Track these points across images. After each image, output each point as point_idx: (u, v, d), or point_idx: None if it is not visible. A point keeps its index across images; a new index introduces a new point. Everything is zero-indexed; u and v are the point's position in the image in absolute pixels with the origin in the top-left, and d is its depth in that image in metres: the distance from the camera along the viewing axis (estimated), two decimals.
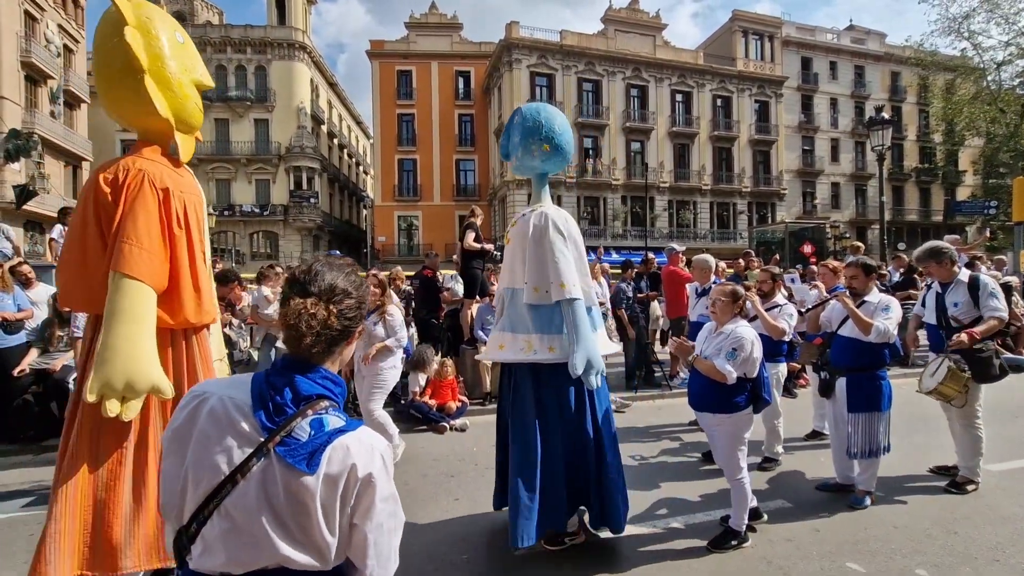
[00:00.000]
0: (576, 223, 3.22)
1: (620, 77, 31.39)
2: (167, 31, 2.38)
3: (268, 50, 32.32)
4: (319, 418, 1.07)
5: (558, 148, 3.12)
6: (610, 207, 31.22)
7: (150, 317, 2.18)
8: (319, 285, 1.11)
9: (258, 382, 1.10)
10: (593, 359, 2.79)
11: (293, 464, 1.01)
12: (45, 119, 23.71)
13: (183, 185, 2.45)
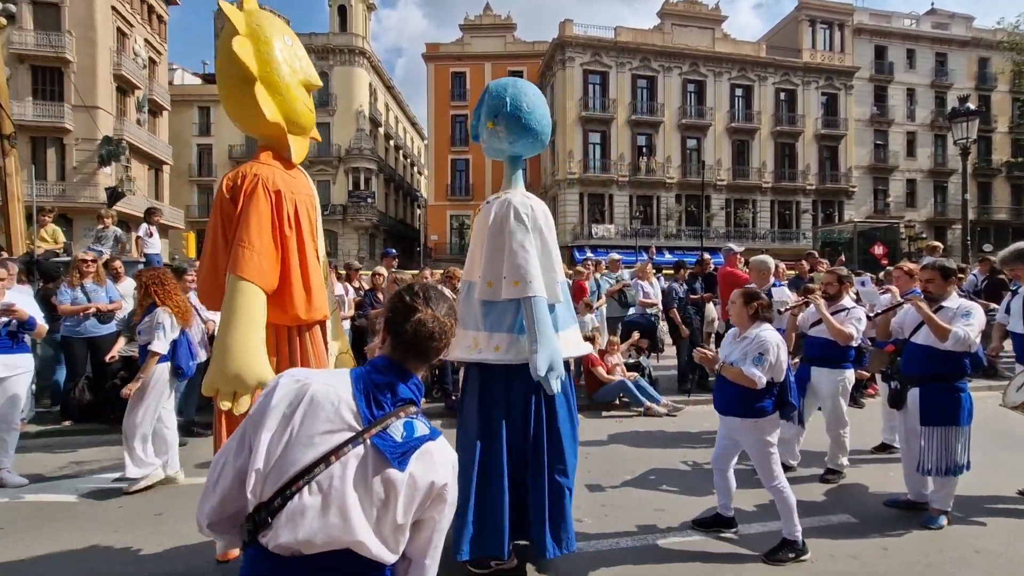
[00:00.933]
0: (547, 212, 2.90)
1: (676, 72, 30.58)
2: (277, 35, 2.45)
3: (330, 56, 33.68)
4: (410, 422, 1.18)
5: (526, 128, 2.78)
6: (664, 206, 30.51)
7: (260, 317, 2.28)
8: (443, 305, 1.28)
9: (361, 377, 1.20)
10: (555, 361, 2.53)
11: (389, 459, 1.11)
12: (132, 126, 25.76)
13: (295, 186, 2.54)
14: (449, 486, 1.19)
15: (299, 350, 2.55)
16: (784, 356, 3.04)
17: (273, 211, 2.38)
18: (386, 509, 1.11)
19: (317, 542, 1.07)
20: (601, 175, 29.74)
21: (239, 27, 2.36)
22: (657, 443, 5.19)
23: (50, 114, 23.13)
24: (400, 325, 1.24)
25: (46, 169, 23.12)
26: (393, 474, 1.11)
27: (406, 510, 1.13)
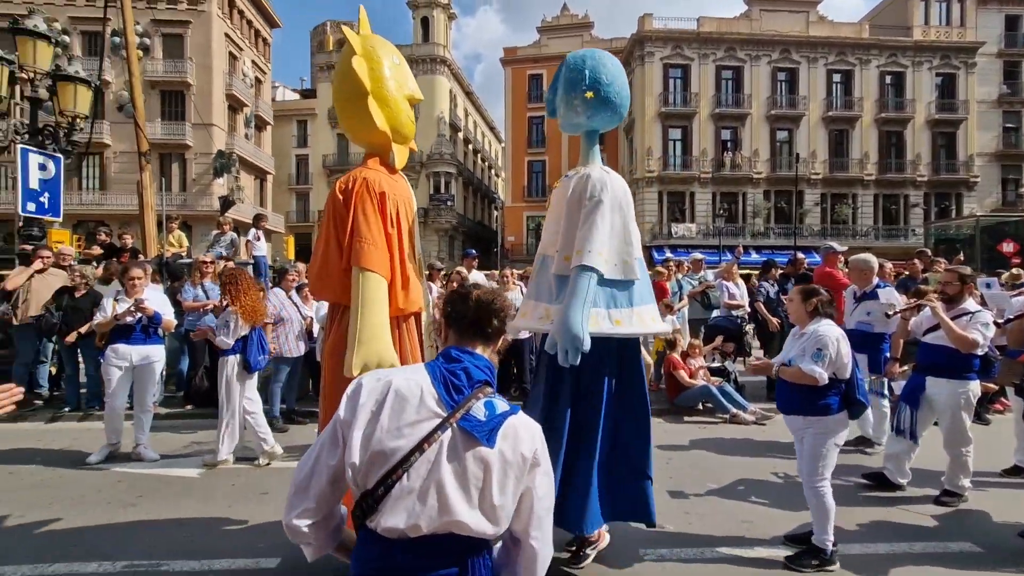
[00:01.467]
0: (626, 188, 2.84)
1: (765, 61, 28.81)
2: (387, 56, 2.73)
3: (413, 66, 34.79)
4: (490, 401, 1.25)
5: (606, 100, 2.75)
6: (750, 203, 28.84)
7: (386, 303, 2.54)
8: (495, 296, 1.43)
9: (437, 367, 1.29)
10: (574, 332, 2.44)
11: (477, 437, 1.18)
12: (241, 140, 28.41)
13: (397, 190, 2.77)
14: (539, 453, 1.25)
15: (398, 340, 2.71)
16: (846, 350, 2.87)
17: (378, 211, 2.59)
18: (482, 486, 1.17)
19: (422, 525, 1.15)
20: (682, 172, 28.67)
21: (357, 48, 2.64)
22: (744, 452, 4.94)
23: (174, 132, 26.07)
24: (459, 310, 1.37)
25: (171, 181, 26.07)
26: (484, 451, 1.18)
27: (501, 485, 1.19)
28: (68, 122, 7.55)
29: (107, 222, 22.31)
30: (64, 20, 20.69)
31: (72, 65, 7.56)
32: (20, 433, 5.38)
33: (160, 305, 4.76)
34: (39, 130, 7.35)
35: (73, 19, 24.08)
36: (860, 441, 5.01)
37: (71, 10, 24.79)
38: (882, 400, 4.77)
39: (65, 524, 3.44)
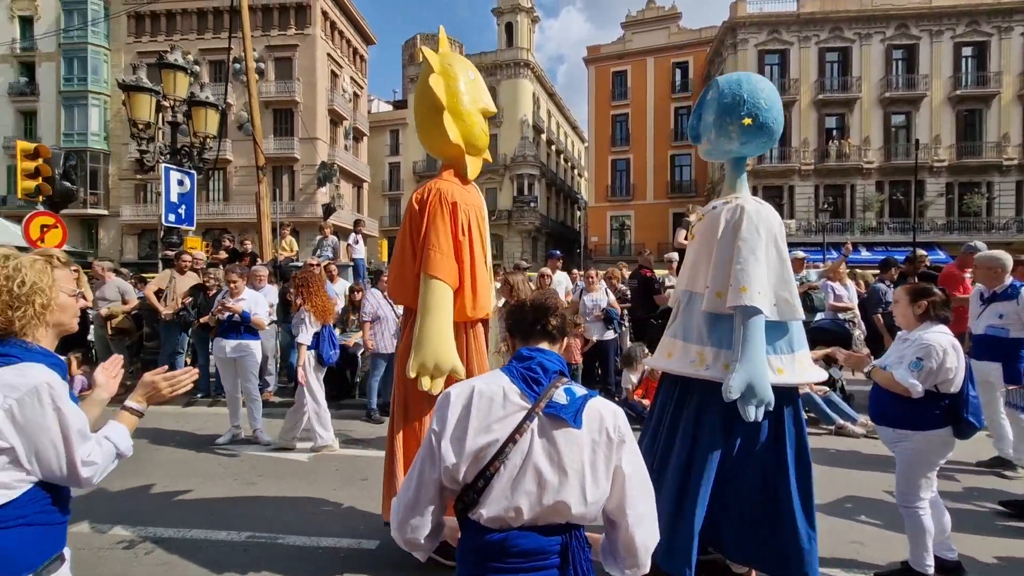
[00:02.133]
0: (780, 220, 2.65)
1: (878, 39, 26.12)
2: (463, 72, 2.88)
3: (498, 71, 35.88)
4: (569, 387, 1.33)
5: (763, 127, 2.58)
6: (860, 195, 26.27)
7: (450, 309, 2.67)
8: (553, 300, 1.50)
9: (512, 367, 1.37)
10: (757, 385, 2.25)
11: (565, 418, 1.25)
12: (341, 151, 30.60)
13: (469, 199, 2.89)
14: (623, 431, 1.31)
15: (464, 344, 2.85)
16: (955, 363, 2.53)
17: (450, 220, 2.74)
18: (576, 467, 1.24)
19: (524, 511, 1.22)
20: (779, 165, 26.75)
21: (434, 67, 2.81)
22: (852, 466, 4.56)
23: (284, 147, 28.63)
24: (518, 318, 1.47)
25: (282, 191, 28.64)
26: (573, 432, 1.25)
27: (593, 465, 1.25)
28: (200, 142, 8.58)
29: (229, 229, 24.99)
30: (195, 52, 23.46)
31: (204, 92, 8.59)
32: (161, 415, 6.19)
33: (253, 304, 5.24)
34: (177, 150, 8.43)
35: (202, 50, 27.23)
36: (997, 462, 4.43)
37: (201, 42, 28.07)
38: (1023, 416, 4.18)
39: (198, 495, 3.94)
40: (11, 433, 1.27)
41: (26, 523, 1.31)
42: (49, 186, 7.74)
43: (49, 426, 1.30)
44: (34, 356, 1.36)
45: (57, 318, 1.47)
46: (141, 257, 27.04)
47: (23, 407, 1.28)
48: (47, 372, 1.34)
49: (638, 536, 1.28)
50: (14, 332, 1.36)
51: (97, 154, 28.80)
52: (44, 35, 28.92)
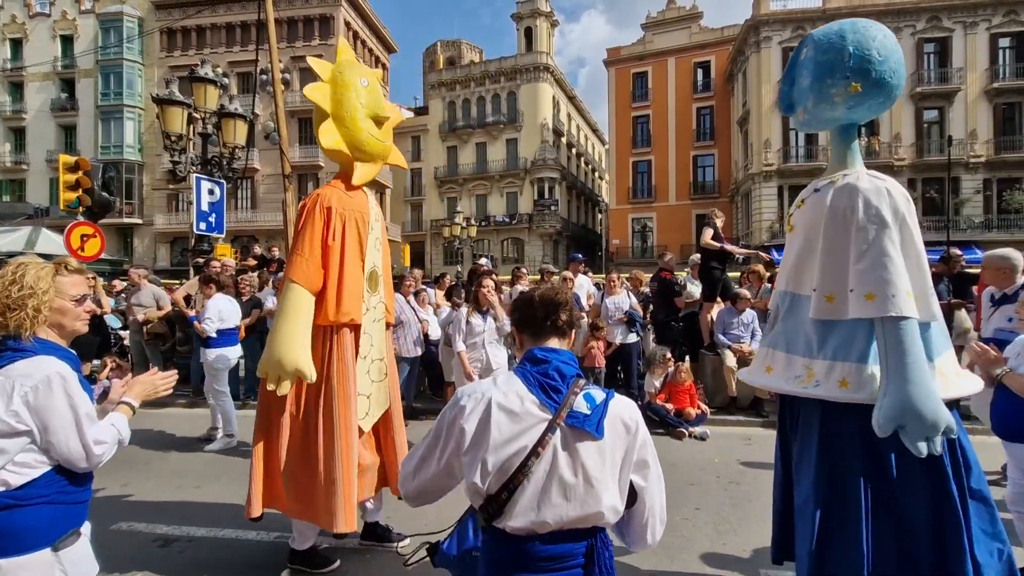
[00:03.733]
0: (908, 196, 2.06)
1: (908, 32, 25.44)
2: (355, 78, 2.93)
3: (518, 76, 36.03)
4: (588, 393, 1.31)
5: (878, 83, 2.04)
6: None
7: (304, 313, 2.72)
8: (557, 292, 1.48)
9: (527, 373, 1.34)
10: (925, 409, 1.75)
11: (588, 431, 1.24)
12: None
13: (349, 204, 2.92)
14: (639, 422, 1.33)
15: (325, 349, 2.84)
16: None
17: (322, 225, 2.82)
18: (601, 472, 1.24)
19: (549, 522, 1.22)
20: (806, 164, 26.20)
21: (321, 75, 2.96)
22: None
23: (309, 155, 29.23)
24: (527, 313, 1.43)
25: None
26: (597, 443, 1.25)
27: (618, 468, 1.27)
28: (230, 152, 8.84)
29: (257, 236, 25.60)
30: (224, 65, 24.18)
31: (233, 103, 8.85)
32: (196, 417, 6.38)
33: (214, 312, 5.30)
34: (208, 160, 8.70)
35: (231, 63, 28.05)
36: None
37: (229, 55, 28.92)
38: None
39: (229, 497, 4.05)
40: (28, 417, 1.43)
41: (46, 502, 1.46)
42: (89, 197, 8.08)
43: (61, 410, 1.46)
44: (47, 350, 1.53)
45: (55, 320, 1.59)
46: (173, 264, 27.92)
47: (37, 394, 1.44)
48: (58, 363, 1.51)
49: (651, 525, 1.33)
50: (8, 331, 1.50)
51: (132, 165, 29.87)
52: (83, 53, 30.21)
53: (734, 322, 6.34)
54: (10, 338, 1.51)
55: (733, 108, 31.13)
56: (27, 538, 1.43)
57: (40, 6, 31.57)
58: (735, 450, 5.07)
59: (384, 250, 3.19)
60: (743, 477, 4.37)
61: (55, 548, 1.48)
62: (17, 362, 1.47)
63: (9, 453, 1.41)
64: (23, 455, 1.43)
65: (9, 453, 1.41)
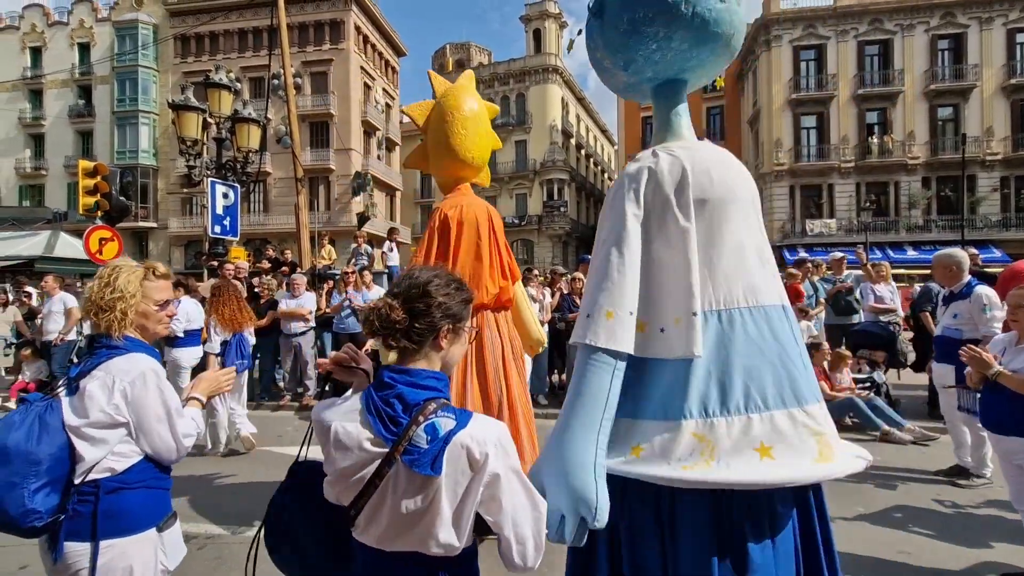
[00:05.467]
0: (723, 174, 1.57)
1: (922, 29, 25.11)
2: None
3: (526, 78, 36.08)
4: (431, 423, 1.14)
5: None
6: (904, 193, 25.22)
7: None
8: (401, 287, 1.25)
9: (369, 399, 1.20)
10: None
11: (419, 471, 1.11)
12: (374, 161, 31.29)
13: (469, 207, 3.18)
14: (492, 464, 1.12)
15: None
16: None
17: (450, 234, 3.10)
18: (436, 512, 1.14)
19: (386, 549, 1.19)
20: (818, 163, 25.97)
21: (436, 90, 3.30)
22: (900, 474, 4.40)
23: (320, 158, 29.48)
24: (384, 321, 1.21)
25: (318, 201, 29.49)
26: (432, 481, 1.12)
27: (451, 502, 1.14)
28: (243, 156, 8.97)
29: (270, 239, 25.86)
30: (236, 70, 24.48)
31: (246, 108, 8.98)
32: None
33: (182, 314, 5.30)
34: (222, 164, 8.83)
35: (243, 68, 28.37)
36: (956, 471, 4.27)
37: (242, 61, 29.25)
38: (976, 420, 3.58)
39: (249, 495, 4.12)
40: (125, 410, 1.54)
41: (145, 486, 1.59)
42: (107, 202, 8.23)
43: (155, 405, 1.58)
44: (138, 347, 1.65)
45: (139, 322, 1.69)
46: (187, 267, 28.27)
47: (135, 388, 1.55)
48: (151, 360, 1.64)
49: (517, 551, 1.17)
50: (101, 330, 1.61)
51: (147, 170, 30.30)
52: (99, 60, 30.72)
53: None
54: (103, 336, 1.62)
55: (743, 108, 30.93)
56: (136, 518, 1.56)
57: (59, 15, 32.17)
58: None
59: None
60: None
61: (159, 529, 1.61)
62: (115, 358, 1.58)
63: (110, 443, 1.53)
64: (121, 445, 1.55)
65: (110, 443, 1.53)
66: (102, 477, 1.51)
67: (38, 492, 1.41)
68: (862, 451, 1.57)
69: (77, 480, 1.48)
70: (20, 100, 32.03)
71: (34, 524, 1.42)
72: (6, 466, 1.40)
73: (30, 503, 1.40)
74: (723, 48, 1.65)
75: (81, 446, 1.48)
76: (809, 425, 1.42)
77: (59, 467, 1.45)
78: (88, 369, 1.56)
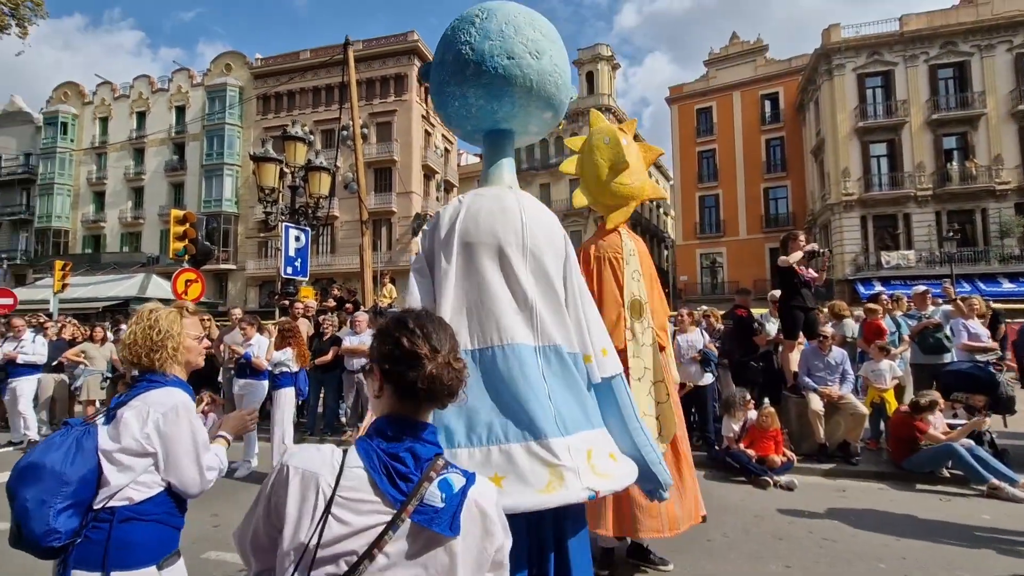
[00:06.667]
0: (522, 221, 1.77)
1: (1003, 49, 23.66)
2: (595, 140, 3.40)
3: (580, 118, 36.78)
4: (445, 479, 1.04)
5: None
6: (995, 220, 23.22)
7: None
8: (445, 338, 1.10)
9: (371, 451, 1.04)
10: None
11: (439, 531, 0.99)
12: (433, 203, 32.57)
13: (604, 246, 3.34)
14: (497, 519, 1.07)
15: None
16: None
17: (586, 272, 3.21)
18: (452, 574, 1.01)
19: None
20: (891, 192, 24.52)
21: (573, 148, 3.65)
22: (1011, 538, 3.89)
23: (383, 201, 31.03)
24: (405, 377, 1.05)
25: (381, 243, 30.86)
26: (450, 543, 1.00)
27: (464, 567, 1.02)
28: (315, 202, 9.60)
29: (335, 278, 27.18)
30: (310, 124, 26.50)
31: (318, 158, 9.66)
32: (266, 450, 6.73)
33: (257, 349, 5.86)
34: (296, 210, 9.48)
35: (316, 122, 30.71)
36: None
37: (315, 115, 31.70)
38: None
39: None
40: (156, 441, 1.60)
41: (157, 520, 1.60)
42: (194, 246, 9.00)
43: (184, 438, 1.64)
44: (173, 383, 1.73)
45: (185, 357, 1.81)
46: (261, 305, 30.06)
47: (167, 420, 1.62)
48: (183, 395, 1.71)
49: None
50: (154, 368, 1.73)
51: (229, 216, 32.94)
52: (192, 120, 34.25)
53: (819, 363, 5.94)
54: (149, 372, 1.73)
55: (806, 138, 29.96)
56: (140, 552, 1.55)
57: (161, 83, 36.36)
58: (827, 502, 4.66)
59: (649, 279, 3.38)
60: (839, 533, 3.99)
61: (160, 567, 1.60)
62: (153, 391, 1.67)
63: (136, 471, 1.57)
64: (144, 475, 1.59)
65: (136, 471, 1.57)
66: (119, 505, 1.54)
67: (62, 512, 1.46)
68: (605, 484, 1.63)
69: (97, 505, 1.52)
70: (126, 158, 36.04)
71: (53, 544, 1.45)
72: (38, 483, 1.45)
73: (54, 522, 1.44)
74: (527, 99, 1.81)
75: (109, 470, 1.54)
76: (544, 458, 1.55)
77: (85, 490, 1.50)
78: (126, 400, 1.65)
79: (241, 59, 34.74)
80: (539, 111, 1.89)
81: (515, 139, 2.00)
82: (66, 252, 33.08)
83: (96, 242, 35.90)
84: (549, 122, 1.99)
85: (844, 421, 5.82)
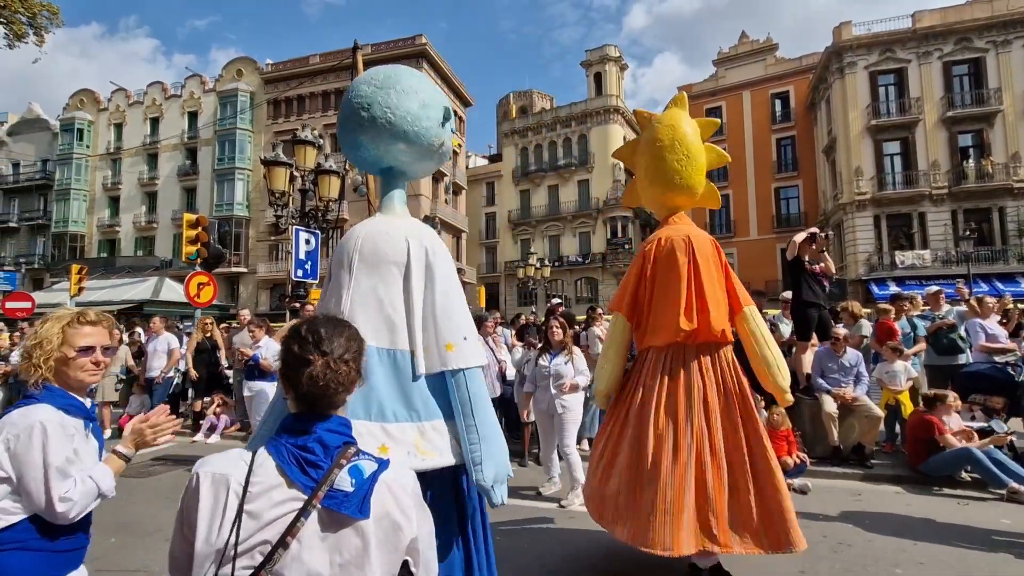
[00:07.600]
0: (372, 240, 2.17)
1: (1019, 44, 23.29)
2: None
3: (588, 120, 36.75)
4: (355, 465, 1.08)
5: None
6: (1011, 219, 22.84)
7: None
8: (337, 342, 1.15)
9: (280, 446, 1.08)
10: None
11: (348, 514, 1.02)
12: (441, 205, 32.69)
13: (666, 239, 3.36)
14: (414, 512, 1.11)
15: None
16: None
17: None
18: (366, 558, 1.03)
19: None
20: (905, 190, 24.19)
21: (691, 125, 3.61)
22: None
23: None
24: (296, 378, 1.12)
25: None
26: (361, 524, 1.03)
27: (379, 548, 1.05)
28: (324, 205, 9.65)
29: None
30: (320, 127, 26.71)
31: (328, 161, 9.73)
32: None
33: (266, 351, 6.03)
34: (306, 213, 9.55)
35: (325, 125, 30.94)
36: None
37: (324, 119, 31.96)
38: None
39: None
40: (7, 465, 1.45)
41: (22, 547, 1.45)
42: (206, 250, 9.10)
43: (33, 461, 1.45)
44: (52, 398, 1.54)
45: (58, 369, 1.59)
46: (272, 308, 30.32)
47: (18, 442, 1.46)
48: (48, 412, 1.50)
49: None
50: (28, 381, 1.56)
51: (240, 220, 33.28)
52: (204, 125, 34.70)
53: (833, 365, 5.86)
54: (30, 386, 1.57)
55: (817, 137, 29.69)
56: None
57: (174, 89, 36.89)
58: (842, 505, 4.59)
59: None
60: (854, 538, 3.93)
61: None
62: (16, 410, 1.51)
63: None
64: (5, 502, 1.45)
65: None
66: None
67: None
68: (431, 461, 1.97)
69: None
70: (140, 164, 36.61)
71: None
72: None
73: None
74: (411, 147, 2.25)
75: None
76: (392, 434, 1.96)
77: None
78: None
79: (252, 64, 35.15)
80: (424, 156, 2.34)
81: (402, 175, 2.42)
82: (82, 256, 33.62)
83: (111, 246, 36.46)
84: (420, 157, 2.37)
85: (859, 423, 5.74)
